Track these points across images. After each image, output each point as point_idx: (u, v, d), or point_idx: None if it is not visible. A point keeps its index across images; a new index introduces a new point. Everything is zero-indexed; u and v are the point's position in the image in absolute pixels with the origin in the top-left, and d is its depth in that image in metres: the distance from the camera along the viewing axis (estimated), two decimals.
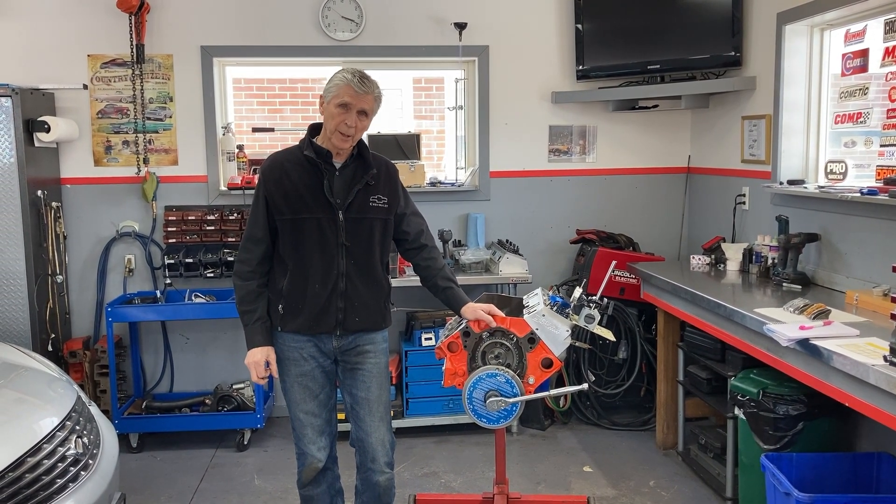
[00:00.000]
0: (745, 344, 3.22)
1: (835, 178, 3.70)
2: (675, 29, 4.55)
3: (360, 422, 2.90)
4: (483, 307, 2.95)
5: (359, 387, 2.89)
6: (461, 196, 4.94)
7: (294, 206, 2.73)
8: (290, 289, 2.77)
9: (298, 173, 2.74)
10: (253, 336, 2.78)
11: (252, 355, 2.78)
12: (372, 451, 2.90)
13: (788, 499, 2.79)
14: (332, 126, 2.69)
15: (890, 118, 3.40)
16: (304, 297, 2.77)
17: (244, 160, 4.83)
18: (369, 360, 2.89)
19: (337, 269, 2.77)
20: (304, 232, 2.74)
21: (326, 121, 2.72)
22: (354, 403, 2.91)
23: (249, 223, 2.80)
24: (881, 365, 2.31)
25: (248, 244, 2.78)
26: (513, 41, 4.85)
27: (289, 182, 2.73)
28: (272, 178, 2.75)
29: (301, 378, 2.85)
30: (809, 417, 3.14)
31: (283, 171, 2.75)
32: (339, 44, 4.72)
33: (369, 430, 2.89)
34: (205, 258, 4.61)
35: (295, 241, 2.75)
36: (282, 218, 2.74)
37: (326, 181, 2.74)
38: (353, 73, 2.70)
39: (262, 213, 2.76)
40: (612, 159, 5.04)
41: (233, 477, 4.07)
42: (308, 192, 2.73)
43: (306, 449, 2.91)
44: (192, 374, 4.85)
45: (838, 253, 3.57)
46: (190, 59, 4.66)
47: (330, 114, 2.69)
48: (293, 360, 2.84)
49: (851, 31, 3.67)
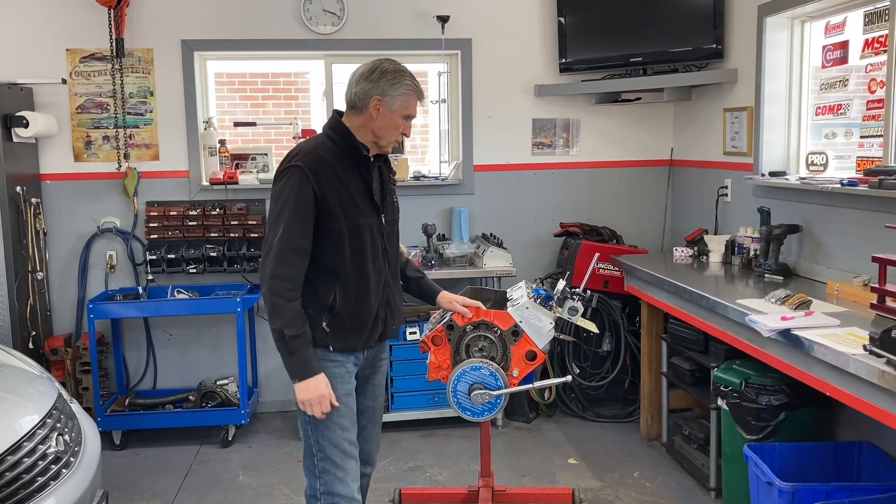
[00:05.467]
0: (727, 335, 3.23)
1: (816, 170, 3.73)
2: (657, 22, 4.56)
3: (362, 430, 2.71)
4: (460, 300, 2.91)
5: (368, 396, 2.74)
6: (445, 190, 4.93)
7: (350, 212, 2.44)
8: (344, 303, 2.47)
9: (347, 174, 2.45)
10: (307, 363, 2.40)
11: (314, 387, 2.39)
12: (368, 457, 2.78)
13: (771, 488, 2.81)
14: (391, 135, 2.49)
15: (870, 109, 3.43)
16: (359, 312, 2.51)
17: (226, 155, 4.79)
18: (381, 369, 2.78)
19: (383, 278, 2.57)
20: (361, 240, 2.48)
21: (382, 127, 2.47)
22: (358, 413, 2.69)
23: (287, 231, 2.36)
24: (861, 354, 2.33)
25: (290, 256, 2.37)
26: (496, 34, 4.84)
27: (341, 184, 2.43)
28: (325, 179, 2.40)
29: (348, 398, 2.55)
30: (791, 407, 3.17)
31: (334, 171, 2.43)
32: (320, 37, 4.70)
33: (370, 437, 2.78)
34: (187, 254, 4.58)
35: (352, 251, 2.46)
36: (335, 226, 2.43)
37: (374, 183, 2.52)
38: (413, 77, 2.50)
39: (309, 218, 2.39)
40: (596, 152, 5.05)
41: (217, 473, 4.05)
42: (359, 196, 2.47)
43: (345, 491, 2.51)
44: (175, 371, 4.82)
45: (819, 244, 3.60)
46: (170, 53, 4.62)
47: (392, 123, 2.47)
48: (338, 375, 2.52)
49: (831, 22, 3.69)
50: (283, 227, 2.36)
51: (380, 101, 2.44)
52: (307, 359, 2.40)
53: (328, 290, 2.46)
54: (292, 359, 2.39)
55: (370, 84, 2.45)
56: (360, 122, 2.48)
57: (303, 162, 2.40)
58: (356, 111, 2.49)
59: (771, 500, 2.83)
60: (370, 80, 2.45)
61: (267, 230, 2.45)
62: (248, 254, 4.63)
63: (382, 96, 2.44)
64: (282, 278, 2.36)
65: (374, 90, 2.44)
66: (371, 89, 2.44)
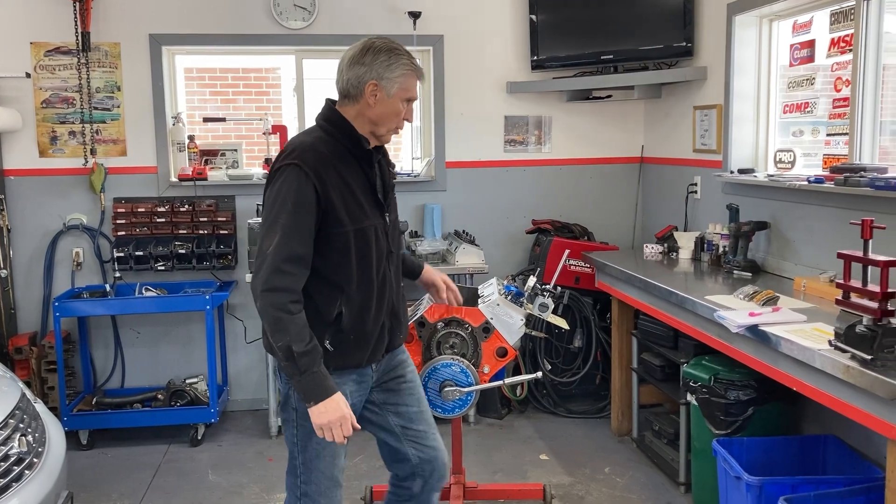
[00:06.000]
0: (696, 331, 3.26)
1: (784, 167, 3.77)
2: (628, 20, 4.58)
3: (422, 439, 2.46)
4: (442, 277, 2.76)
5: (408, 401, 2.46)
6: (417, 186, 4.91)
7: (355, 214, 2.19)
8: (349, 318, 2.23)
9: (349, 170, 2.21)
10: (322, 382, 2.11)
11: (334, 409, 2.11)
12: (441, 467, 2.50)
13: (739, 483, 2.83)
14: (392, 122, 2.26)
15: (836, 108, 3.47)
16: (364, 326, 2.26)
17: (195, 151, 4.74)
18: (408, 368, 2.51)
19: (388, 284, 2.32)
20: (367, 244, 2.23)
21: (381, 115, 2.23)
22: (408, 423, 2.45)
23: (284, 238, 2.09)
24: (826, 349, 2.36)
25: (287, 266, 2.09)
26: (468, 31, 4.83)
27: (343, 182, 2.18)
28: (329, 179, 2.14)
29: None
30: (759, 402, 3.20)
31: (335, 168, 2.17)
32: (291, 32, 4.66)
33: (435, 443, 2.49)
34: (155, 251, 4.52)
35: (358, 258, 2.22)
36: (340, 230, 2.17)
37: (377, 179, 2.30)
38: (410, 55, 2.25)
39: (309, 223, 2.12)
40: (568, 149, 5.07)
41: (186, 472, 4.01)
42: (363, 195, 2.23)
43: None
44: (143, 369, 4.76)
45: (787, 240, 3.64)
46: (138, 47, 4.55)
47: (392, 109, 2.23)
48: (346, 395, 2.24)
49: (798, 21, 3.74)
50: (279, 233, 2.09)
51: (376, 86, 2.20)
52: (322, 377, 2.11)
53: (331, 304, 2.21)
54: (305, 379, 2.09)
55: (363, 68, 2.19)
56: (356, 112, 2.24)
57: (301, 159, 2.13)
58: (350, 100, 2.24)
59: (739, 494, 2.86)
60: (363, 64, 2.19)
61: (260, 238, 2.15)
62: (217, 251, 4.58)
63: (378, 80, 2.19)
64: (279, 290, 2.09)
65: (369, 74, 2.19)
66: (365, 74, 2.19)
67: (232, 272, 4.72)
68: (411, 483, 2.50)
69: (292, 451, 2.34)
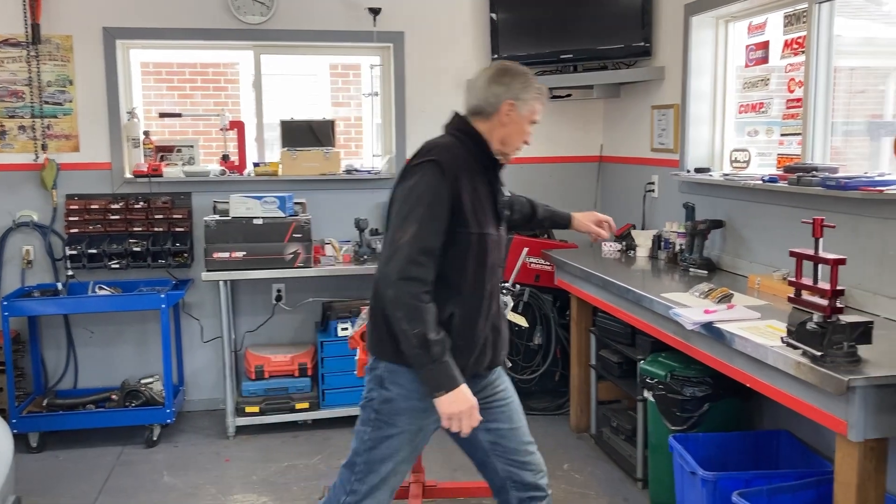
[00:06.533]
0: (653, 328, 3.29)
1: (739, 167, 3.83)
2: (587, 19, 4.61)
3: (513, 455, 2.47)
4: (592, 218, 2.94)
5: (500, 418, 2.45)
6: (378, 184, 4.88)
7: (480, 220, 2.26)
8: (459, 321, 2.24)
9: (478, 179, 2.29)
10: (452, 371, 2.13)
11: (465, 399, 2.15)
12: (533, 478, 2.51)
13: (694, 478, 2.87)
14: (517, 141, 2.37)
15: (789, 108, 3.53)
16: (472, 332, 2.28)
17: (150, 147, 4.65)
18: (502, 385, 2.49)
19: (496, 297, 2.38)
20: (485, 251, 2.28)
21: (511, 133, 2.34)
22: (499, 439, 2.44)
23: (420, 230, 2.15)
24: (779, 346, 2.39)
25: (422, 257, 2.14)
26: (428, 28, 4.82)
27: (473, 189, 2.25)
28: (462, 181, 2.22)
29: (419, 433, 2.33)
30: (715, 398, 3.24)
31: (468, 174, 2.26)
32: (249, 27, 4.59)
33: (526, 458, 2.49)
34: (109, 249, 4.43)
35: (476, 262, 2.27)
36: (465, 231, 2.22)
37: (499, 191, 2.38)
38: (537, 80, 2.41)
39: (443, 219, 2.18)
40: (528, 148, 4.96)
41: (141, 474, 3.94)
42: (488, 203, 2.31)
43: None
44: (97, 370, 4.66)
45: (742, 239, 3.70)
46: (91, 40, 4.45)
47: (520, 129, 2.35)
48: (422, 409, 2.27)
49: (754, 23, 3.79)
50: (415, 226, 2.14)
51: (512, 106, 2.31)
52: (451, 367, 2.13)
53: (444, 304, 2.21)
54: (436, 368, 2.11)
55: (502, 88, 2.31)
56: (488, 128, 2.34)
57: (440, 157, 2.21)
58: (483, 116, 2.33)
59: (694, 489, 2.90)
60: (502, 84, 2.31)
61: (393, 229, 2.20)
62: (173, 249, 4.51)
63: (515, 100, 2.31)
64: (413, 281, 2.12)
65: (507, 94, 2.30)
66: (503, 93, 2.31)
67: (188, 270, 4.65)
68: (507, 496, 2.51)
69: (358, 448, 2.35)
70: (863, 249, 2.90)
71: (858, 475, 2.18)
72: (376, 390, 2.30)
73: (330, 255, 4.44)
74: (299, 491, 3.72)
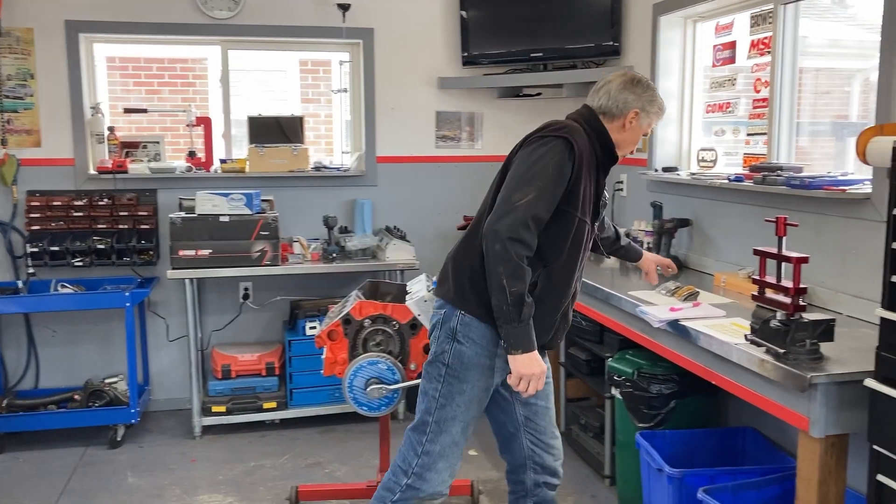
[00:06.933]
0: (621, 326, 3.30)
1: (706, 166, 3.86)
2: (557, 18, 4.62)
3: (541, 434, 2.62)
4: (658, 260, 3.06)
5: (539, 396, 2.58)
6: (347, 181, 4.85)
7: (585, 207, 2.36)
8: (540, 293, 2.34)
9: (593, 171, 2.39)
10: (531, 335, 2.25)
11: (538, 362, 2.28)
12: (553, 464, 2.66)
13: (661, 475, 2.88)
14: (630, 146, 2.50)
15: (755, 108, 3.56)
16: (548, 306, 2.38)
17: (115, 142, 4.57)
18: (546, 362, 2.54)
19: (575, 283, 2.46)
20: (581, 237, 2.39)
21: (627, 139, 2.46)
22: (533, 416, 2.60)
23: (538, 198, 2.22)
24: (743, 344, 2.41)
25: (532, 224, 2.22)
26: (398, 25, 4.79)
27: (588, 177, 2.36)
28: (585, 167, 2.32)
29: (485, 393, 2.44)
30: (681, 396, 3.26)
31: (589, 162, 2.35)
32: (216, 22, 4.53)
33: (553, 442, 2.64)
34: (72, 246, 4.35)
35: (571, 244, 2.37)
36: (571, 212, 2.32)
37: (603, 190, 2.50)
38: None
39: (558, 195, 2.27)
40: (499, 146, 5.07)
41: (105, 475, 3.87)
42: (593, 196, 2.42)
43: (438, 483, 2.43)
44: (59, 369, 4.57)
45: (708, 237, 3.72)
46: (53, 33, 4.36)
47: (635, 137, 2.48)
48: (488, 367, 2.40)
49: (721, 23, 3.82)
50: (534, 192, 2.21)
51: (637, 115, 2.42)
52: (532, 330, 2.25)
53: (532, 272, 2.28)
54: (521, 327, 2.22)
55: (633, 96, 2.42)
56: (610, 129, 2.44)
57: (573, 137, 2.30)
58: (608, 118, 2.43)
59: (661, 486, 2.91)
60: (634, 92, 2.42)
61: (511, 189, 2.25)
62: (138, 246, 4.44)
63: (641, 110, 2.43)
64: (521, 243, 2.19)
65: (636, 102, 2.42)
66: (633, 101, 2.42)
67: (154, 268, 4.58)
68: (523, 476, 2.63)
69: (429, 407, 2.41)
70: (826, 248, 2.94)
71: (820, 470, 2.21)
72: (448, 343, 2.38)
73: (298, 254, 4.40)
74: (266, 491, 3.68)
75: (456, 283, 2.39)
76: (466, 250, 2.40)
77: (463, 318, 2.36)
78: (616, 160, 2.48)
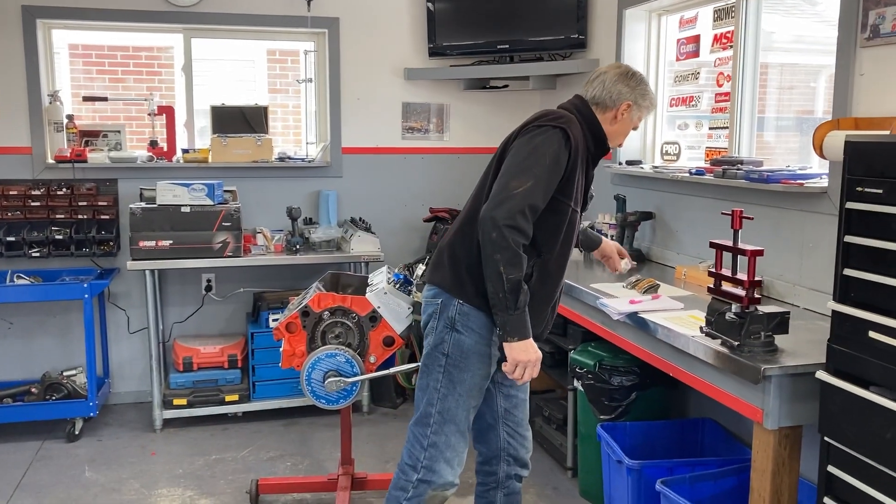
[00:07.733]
0: (583, 318, 3.30)
1: (669, 159, 3.87)
2: (524, 10, 4.60)
3: (518, 426, 2.64)
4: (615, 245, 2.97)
5: (520, 389, 2.63)
6: (312, 172, 4.81)
7: (576, 194, 2.37)
8: (534, 284, 2.35)
9: (582, 162, 2.38)
10: (527, 322, 2.26)
11: (533, 349, 2.28)
12: (525, 455, 2.67)
13: (621, 466, 2.90)
14: (620, 138, 2.53)
15: (718, 102, 3.58)
16: (541, 297, 2.39)
17: (74, 131, 4.48)
18: None
19: (562, 275, 2.49)
20: (572, 228, 2.41)
21: (618, 131, 2.49)
22: (512, 408, 2.62)
23: (535, 187, 2.21)
24: (699, 336, 2.42)
25: (529, 212, 2.21)
26: (364, 15, 4.75)
27: (580, 168, 2.36)
28: (580, 157, 2.34)
29: (484, 381, 2.45)
30: (642, 388, 3.28)
31: (582, 152, 2.36)
32: (179, 10, 4.47)
33: (527, 434, 2.67)
34: (29, 237, 4.27)
35: (564, 235, 2.38)
36: (565, 202, 2.33)
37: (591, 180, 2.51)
38: None
39: (554, 185, 2.28)
40: (465, 138, 5.06)
41: (61, 469, 3.80)
42: (583, 184, 2.42)
43: (447, 473, 2.42)
44: (16, 362, 4.48)
45: (670, 230, 3.74)
46: (9, 19, 4.26)
47: (625, 130, 2.50)
48: (486, 356, 2.41)
49: (685, 17, 3.83)
50: (532, 181, 2.21)
51: (629, 107, 2.44)
52: (527, 317, 2.25)
53: (527, 263, 2.29)
54: (517, 315, 2.22)
55: (627, 88, 2.43)
56: (600, 120, 2.46)
57: (570, 129, 2.31)
58: (601, 108, 2.45)
59: (621, 477, 2.92)
60: (628, 85, 2.44)
61: (508, 176, 2.25)
62: (98, 237, 4.36)
63: (633, 103, 2.44)
64: (518, 230, 2.19)
65: (629, 95, 2.44)
66: (627, 93, 2.43)
67: (114, 259, 4.50)
68: (496, 467, 2.63)
69: (431, 398, 2.40)
70: (784, 241, 2.96)
71: (773, 462, 2.22)
72: (447, 333, 2.37)
73: (261, 245, 4.35)
74: (226, 485, 3.64)
75: (453, 272, 2.38)
76: (463, 238, 2.38)
77: (461, 307, 2.35)
78: (607, 151, 2.50)
